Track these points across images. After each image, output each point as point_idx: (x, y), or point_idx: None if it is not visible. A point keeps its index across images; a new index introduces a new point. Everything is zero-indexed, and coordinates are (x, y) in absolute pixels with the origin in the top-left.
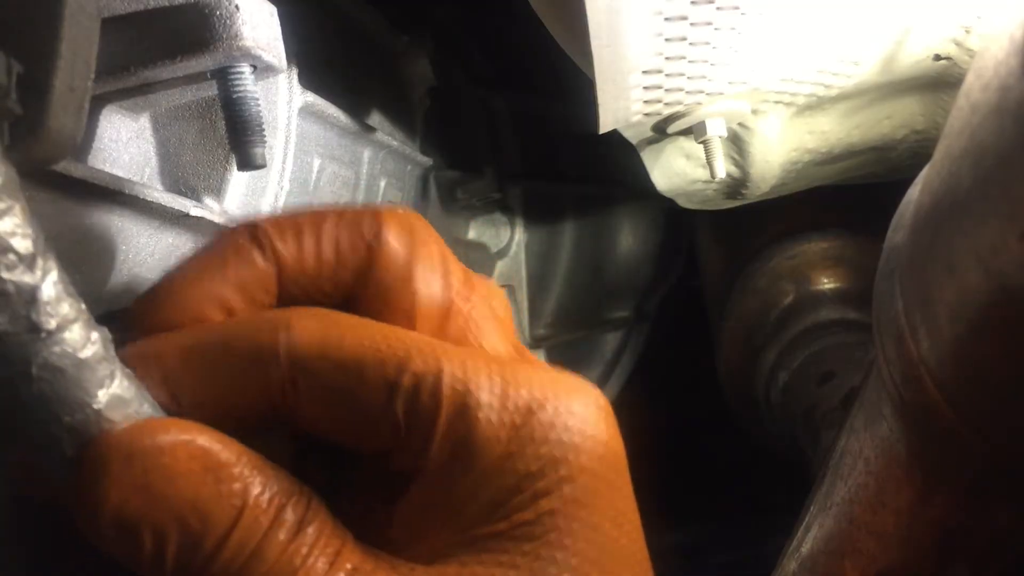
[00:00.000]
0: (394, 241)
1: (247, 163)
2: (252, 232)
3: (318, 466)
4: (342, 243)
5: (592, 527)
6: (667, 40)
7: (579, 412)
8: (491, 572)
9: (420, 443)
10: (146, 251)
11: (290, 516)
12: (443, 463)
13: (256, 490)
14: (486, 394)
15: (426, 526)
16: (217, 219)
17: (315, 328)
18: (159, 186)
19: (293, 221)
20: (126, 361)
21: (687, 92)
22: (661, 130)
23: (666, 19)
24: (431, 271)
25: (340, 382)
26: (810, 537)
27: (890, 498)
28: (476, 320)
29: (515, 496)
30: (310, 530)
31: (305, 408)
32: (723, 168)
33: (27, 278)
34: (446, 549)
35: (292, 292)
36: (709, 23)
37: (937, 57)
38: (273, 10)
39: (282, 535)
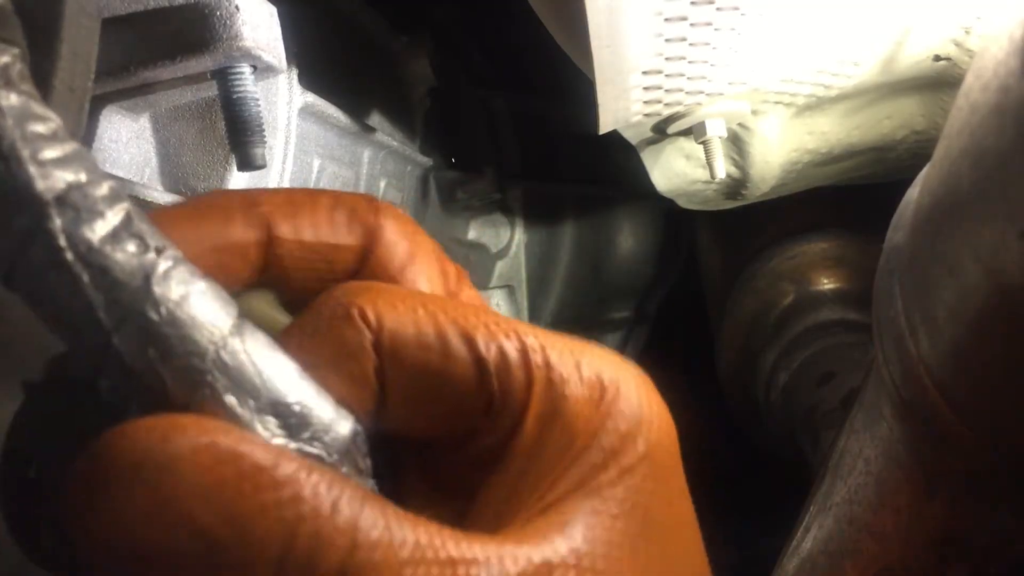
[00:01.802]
0: (392, 229)
1: (247, 163)
2: (244, 197)
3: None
4: (339, 222)
5: (668, 503)
6: (667, 40)
7: (641, 391)
8: (595, 510)
9: (510, 421)
10: None
11: (363, 520)
12: (535, 441)
13: (307, 493)
14: (568, 368)
15: (511, 506)
16: None
17: (392, 307)
18: (159, 186)
19: (289, 194)
20: None
21: (687, 92)
22: (661, 130)
23: (666, 19)
24: (429, 262)
25: (429, 362)
26: (810, 537)
27: (890, 498)
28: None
29: (602, 473)
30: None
31: (394, 400)
32: (723, 168)
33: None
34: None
35: (283, 265)
36: (709, 24)
37: (937, 58)
38: (273, 11)
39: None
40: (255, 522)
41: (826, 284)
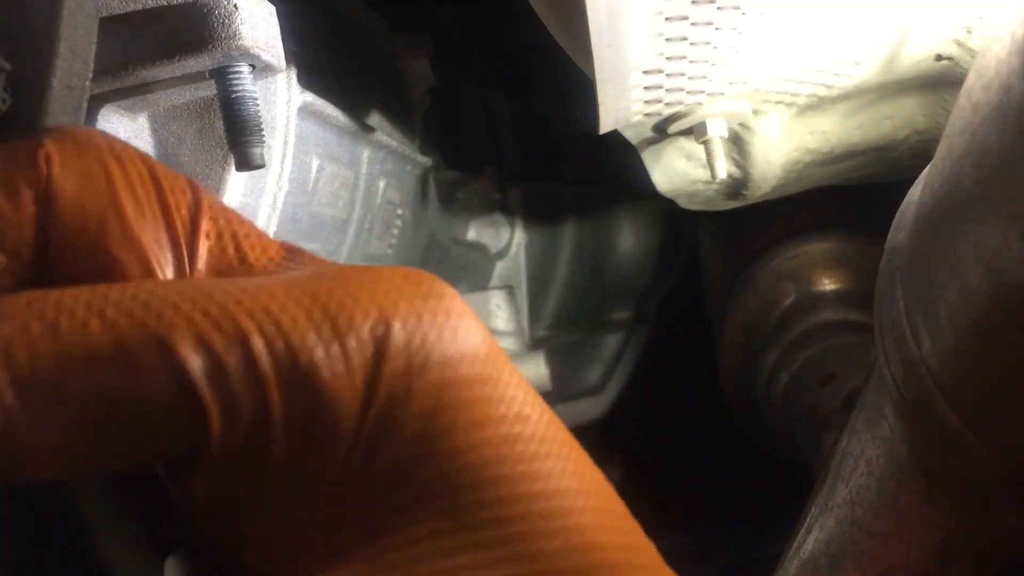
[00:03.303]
0: (71, 170)
1: (245, 163)
2: None
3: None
4: None
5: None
6: (668, 40)
7: (433, 324)
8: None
9: (244, 438)
10: None
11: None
12: (291, 451)
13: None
14: (320, 347)
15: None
16: None
17: (25, 331)
18: None
19: None
20: None
21: (688, 92)
22: (662, 130)
23: (667, 19)
24: (140, 205)
25: (105, 389)
26: (811, 539)
27: (892, 499)
28: (233, 231)
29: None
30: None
31: (50, 446)
32: (724, 168)
33: None
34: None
35: None
36: (710, 23)
37: (939, 57)
38: (272, 9)
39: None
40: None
41: (827, 284)
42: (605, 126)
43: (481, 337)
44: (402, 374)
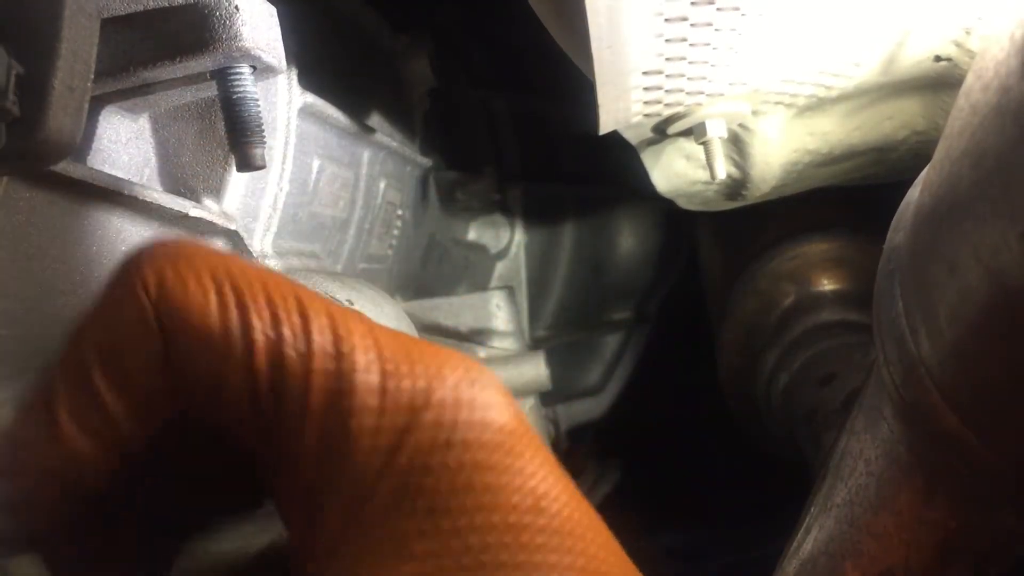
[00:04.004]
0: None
1: (246, 164)
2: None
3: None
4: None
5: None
6: (667, 41)
7: (471, 399)
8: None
9: (288, 428)
10: None
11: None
12: (316, 456)
13: None
14: (362, 393)
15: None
16: (216, 220)
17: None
18: (158, 187)
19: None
20: None
21: (687, 93)
22: (661, 131)
23: (666, 20)
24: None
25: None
26: (810, 539)
27: (891, 499)
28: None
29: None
30: None
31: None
32: (723, 169)
33: None
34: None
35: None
36: (709, 24)
37: (938, 58)
38: (273, 11)
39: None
40: None
41: (827, 285)
42: (605, 127)
43: (512, 426)
44: (425, 449)
